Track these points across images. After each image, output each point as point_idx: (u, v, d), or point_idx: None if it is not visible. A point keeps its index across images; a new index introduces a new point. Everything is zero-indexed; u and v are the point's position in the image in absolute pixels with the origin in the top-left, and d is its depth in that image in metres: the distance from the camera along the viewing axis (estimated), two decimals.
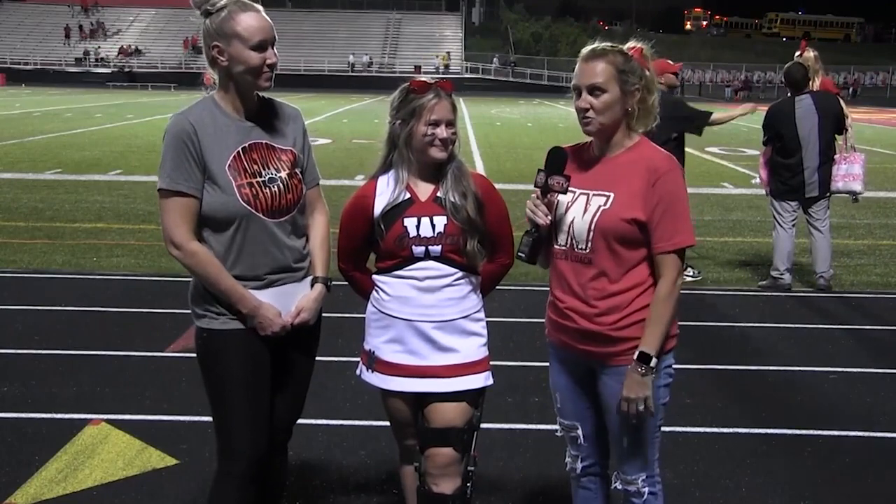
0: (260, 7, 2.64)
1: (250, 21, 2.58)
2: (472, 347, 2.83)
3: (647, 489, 2.76)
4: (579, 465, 2.91)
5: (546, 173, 2.61)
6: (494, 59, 62.72)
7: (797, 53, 7.41)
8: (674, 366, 2.71)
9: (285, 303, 2.72)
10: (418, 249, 2.74)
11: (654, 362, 2.55)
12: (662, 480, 3.79)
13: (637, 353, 2.55)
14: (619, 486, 2.81)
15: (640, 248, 2.57)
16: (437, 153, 2.72)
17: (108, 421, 4.31)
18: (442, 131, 2.70)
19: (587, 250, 2.60)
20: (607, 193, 2.58)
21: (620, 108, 2.56)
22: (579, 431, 2.85)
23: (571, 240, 2.63)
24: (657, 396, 2.63)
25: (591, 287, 2.61)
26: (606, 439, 2.84)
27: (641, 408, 2.58)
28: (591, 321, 2.62)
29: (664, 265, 2.55)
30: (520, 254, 2.68)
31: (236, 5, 2.59)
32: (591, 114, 2.57)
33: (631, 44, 2.64)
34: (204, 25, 2.62)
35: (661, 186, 2.52)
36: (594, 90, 2.55)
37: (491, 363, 2.90)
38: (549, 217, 2.62)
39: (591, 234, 2.58)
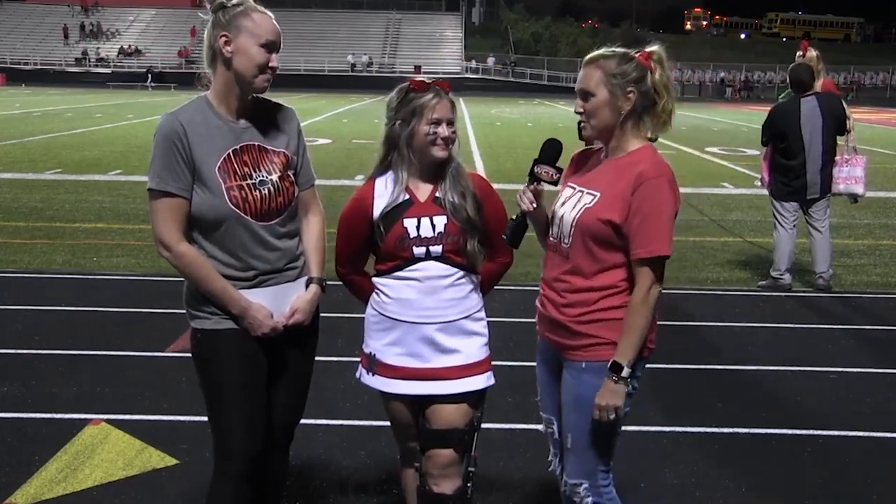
0: (270, 14, 2.65)
1: (264, 20, 2.61)
2: (474, 348, 2.83)
3: (589, 499, 2.70)
4: (558, 465, 2.89)
5: (535, 162, 2.64)
6: (490, 59, 62.51)
7: (799, 53, 7.38)
8: (669, 366, 2.71)
9: (279, 303, 2.72)
10: (419, 250, 2.74)
11: (626, 372, 2.53)
12: (662, 481, 3.81)
13: (610, 361, 2.54)
14: (566, 492, 2.76)
15: (615, 251, 2.56)
16: (439, 152, 2.72)
17: (108, 421, 4.31)
18: (444, 130, 2.70)
19: (568, 245, 2.62)
20: (595, 193, 2.60)
21: (610, 111, 2.57)
22: (555, 426, 2.84)
23: (560, 233, 2.66)
24: None
25: (564, 279, 2.64)
26: None
27: (612, 416, 2.56)
28: (558, 310, 2.66)
29: (638, 273, 2.54)
30: (502, 236, 2.72)
31: (252, 4, 2.62)
32: (583, 117, 2.62)
33: (650, 48, 2.61)
34: (214, 17, 2.61)
35: (642, 193, 2.50)
36: (585, 94, 2.59)
37: (492, 363, 2.90)
38: (534, 204, 2.65)
39: (573, 229, 2.60)
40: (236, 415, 2.68)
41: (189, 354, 2.78)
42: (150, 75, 54.22)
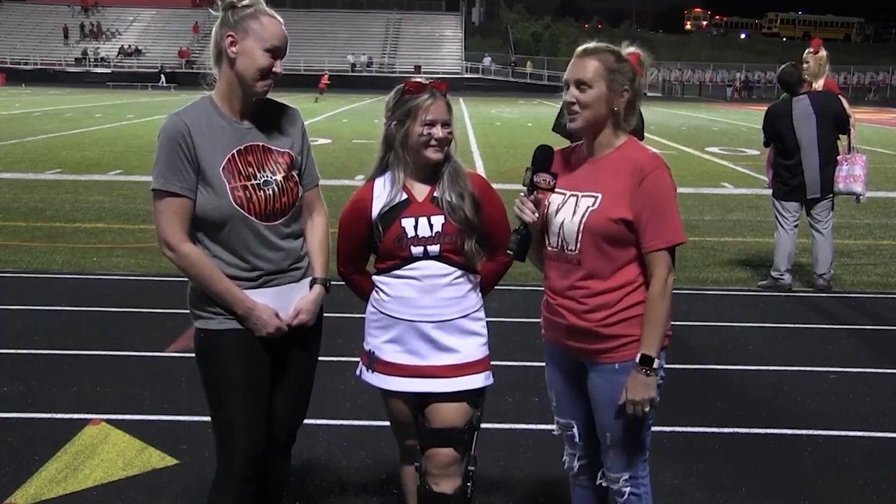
0: (280, 18, 2.64)
1: (272, 24, 2.60)
2: (473, 347, 2.83)
3: (628, 489, 2.75)
4: (576, 464, 2.93)
5: (532, 170, 2.62)
6: (486, 59, 62.42)
7: (810, 51, 7.39)
8: (668, 366, 2.72)
9: (284, 304, 2.71)
10: (417, 249, 2.75)
11: (656, 363, 2.57)
12: (662, 481, 3.81)
13: (639, 355, 2.56)
14: (604, 484, 2.81)
15: (628, 247, 2.58)
16: (433, 154, 2.73)
17: (108, 421, 4.31)
18: (438, 131, 2.71)
19: (577, 251, 2.61)
20: (595, 194, 2.59)
21: (606, 105, 2.57)
22: (575, 430, 2.86)
23: (562, 241, 2.65)
24: None
25: (581, 286, 2.63)
26: None
27: (647, 409, 2.60)
28: (580, 318, 2.64)
29: (655, 263, 2.56)
30: (508, 251, 2.68)
31: (263, 7, 2.61)
32: (576, 108, 2.60)
33: (631, 49, 2.65)
34: (223, 16, 2.61)
35: (648, 185, 2.53)
36: (581, 85, 2.58)
37: (491, 363, 2.90)
38: (537, 214, 2.63)
39: (580, 235, 2.59)
40: (239, 415, 2.68)
41: (189, 354, 2.78)
42: (162, 75, 53.94)
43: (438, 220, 2.75)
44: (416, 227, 2.75)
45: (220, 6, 2.62)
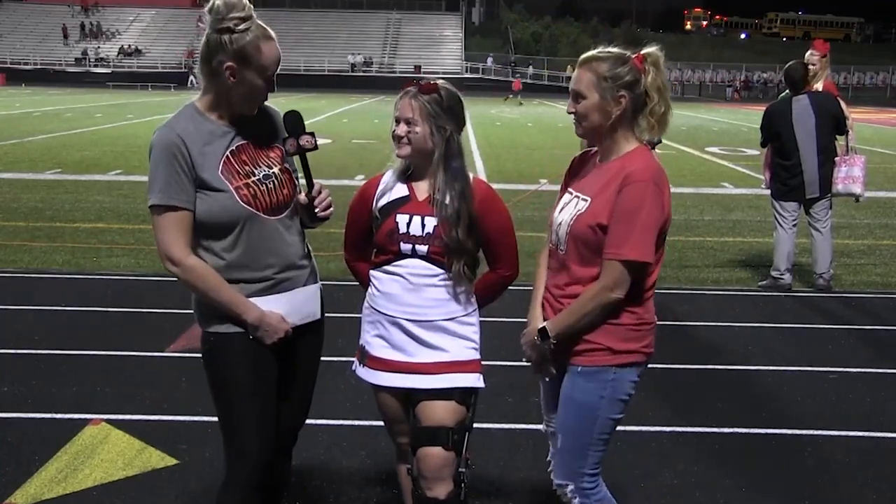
0: (274, 35, 2.62)
1: (271, 51, 2.57)
2: (460, 348, 2.82)
3: (576, 500, 2.72)
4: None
5: (283, 140, 2.72)
6: (489, 59, 62.54)
7: (812, 52, 7.39)
8: (669, 366, 2.71)
9: (291, 308, 2.70)
10: (406, 247, 2.76)
11: (549, 342, 2.62)
12: (662, 481, 3.81)
13: (541, 324, 2.64)
14: (557, 491, 2.80)
15: None
16: (396, 150, 2.77)
17: (108, 421, 4.31)
18: (397, 128, 2.74)
19: (564, 252, 2.63)
20: (587, 198, 2.59)
21: (600, 114, 2.55)
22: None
23: (557, 239, 2.66)
24: (601, 407, 2.62)
25: (561, 287, 2.65)
26: None
27: (524, 360, 2.71)
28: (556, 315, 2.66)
29: (604, 269, 2.51)
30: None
31: (260, 31, 2.54)
32: (574, 118, 2.62)
33: (646, 50, 2.59)
34: (220, 38, 2.52)
35: (624, 195, 2.48)
36: (577, 96, 2.59)
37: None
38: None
39: (567, 237, 2.60)
40: (249, 418, 2.67)
41: (189, 354, 2.78)
42: (192, 76, 53.36)
43: (431, 222, 2.75)
44: (409, 224, 2.76)
45: (211, 23, 2.54)
